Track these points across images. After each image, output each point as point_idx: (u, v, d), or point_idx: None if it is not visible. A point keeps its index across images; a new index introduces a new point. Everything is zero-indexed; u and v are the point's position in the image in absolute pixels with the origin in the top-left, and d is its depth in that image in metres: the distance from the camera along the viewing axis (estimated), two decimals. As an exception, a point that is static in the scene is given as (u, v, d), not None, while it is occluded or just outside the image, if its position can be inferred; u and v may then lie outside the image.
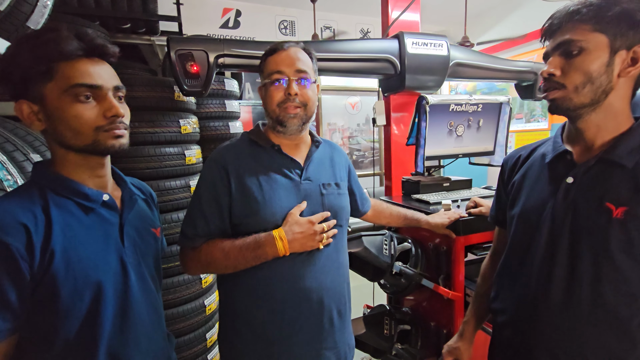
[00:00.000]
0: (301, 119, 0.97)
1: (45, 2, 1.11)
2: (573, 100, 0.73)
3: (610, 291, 0.70)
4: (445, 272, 1.40)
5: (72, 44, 0.67)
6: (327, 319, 0.97)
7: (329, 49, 1.76)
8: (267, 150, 0.99)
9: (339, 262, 1.03)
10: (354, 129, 4.78)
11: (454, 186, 1.77)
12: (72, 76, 0.67)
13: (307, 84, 0.96)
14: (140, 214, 0.83)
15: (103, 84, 0.70)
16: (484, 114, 1.75)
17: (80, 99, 0.68)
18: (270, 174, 0.96)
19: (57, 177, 0.71)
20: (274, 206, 0.93)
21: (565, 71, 0.73)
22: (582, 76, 0.71)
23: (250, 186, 0.93)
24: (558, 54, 0.75)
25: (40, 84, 0.67)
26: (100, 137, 0.70)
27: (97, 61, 0.71)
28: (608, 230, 0.69)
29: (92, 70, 0.69)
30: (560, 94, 0.74)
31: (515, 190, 0.88)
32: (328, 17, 4.04)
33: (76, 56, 0.68)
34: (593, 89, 0.71)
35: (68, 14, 2.29)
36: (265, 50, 1.01)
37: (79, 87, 0.67)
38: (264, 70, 0.99)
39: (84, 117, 0.68)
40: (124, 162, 1.69)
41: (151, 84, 1.73)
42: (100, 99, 0.70)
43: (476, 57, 2.08)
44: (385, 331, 1.49)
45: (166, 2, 3.18)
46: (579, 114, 0.74)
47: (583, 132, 0.76)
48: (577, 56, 0.72)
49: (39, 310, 0.65)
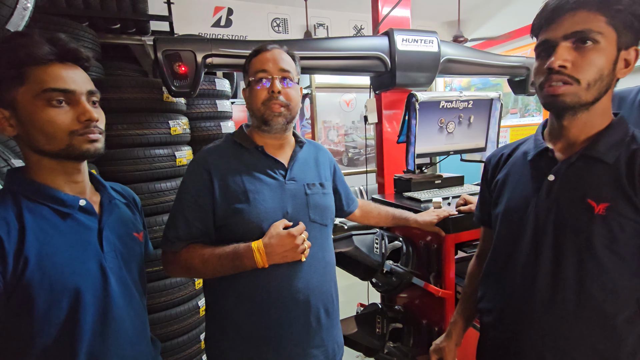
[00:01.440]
0: (285, 118, 0.97)
1: (25, 4, 1.09)
2: (582, 98, 0.69)
3: (595, 288, 0.69)
4: (436, 270, 1.40)
5: (44, 48, 0.67)
6: (314, 318, 0.97)
7: (319, 47, 1.75)
8: (251, 152, 1.00)
9: (325, 261, 1.03)
10: (349, 126, 4.77)
11: (446, 183, 1.76)
12: (44, 80, 0.66)
13: (290, 83, 0.98)
14: (121, 219, 0.82)
15: (76, 88, 0.69)
16: (475, 110, 1.75)
17: (52, 103, 0.67)
18: (254, 175, 0.96)
19: (31, 183, 0.70)
20: (258, 207, 0.93)
21: (578, 64, 0.67)
22: (596, 72, 0.67)
23: (234, 188, 0.93)
24: (570, 44, 0.68)
25: (11, 89, 0.66)
26: (74, 142, 0.69)
27: (70, 66, 0.70)
28: (591, 227, 0.69)
29: (64, 75, 0.68)
30: (572, 90, 0.68)
31: (499, 188, 0.88)
32: (321, 14, 4.01)
33: (48, 60, 0.67)
34: (600, 87, 0.68)
35: (56, 15, 2.27)
36: (250, 52, 1.02)
37: (52, 91, 0.67)
38: (249, 71, 1.00)
39: (57, 121, 0.67)
40: (114, 165, 1.68)
41: (139, 85, 1.72)
42: (74, 103, 0.69)
43: (467, 53, 2.07)
44: (377, 330, 1.49)
45: (157, 2, 3.16)
46: (576, 111, 0.72)
47: (568, 129, 0.75)
48: (591, 49, 0.66)
49: (15, 317, 0.64)
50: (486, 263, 0.91)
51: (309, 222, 0.99)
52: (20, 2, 1.06)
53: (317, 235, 1.01)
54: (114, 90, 1.66)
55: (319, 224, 1.02)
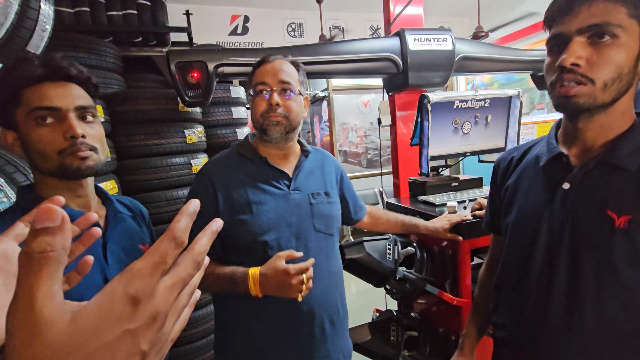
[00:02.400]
0: (284, 127, 0.97)
1: (44, 26, 1.15)
2: (598, 99, 0.62)
3: (615, 307, 0.63)
4: (451, 277, 1.35)
5: (34, 69, 0.69)
6: (319, 329, 0.97)
7: (329, 51, 1.74)
8: (255, 162, 1.00)
9: (329, 271, 1.02)
10: (368, 127, 4.73)
11: (463, 186, 1.70)
12: (32, 100, 0.69)
13: (290, 95, 0.97)
14: (126, 232, 0.84)
15: (62, 105, 0.70)
16: (493, 109, 1.68)
17: (39, 122, 0.69)
18: (258, 186, 0.97)
19: (38, 199, 0.73)
20: (262, 218, 0.93)
21: (593, 62, 0.60)
22: (614, 71, 0.60)
23: (237, 199, 0.94)
24: (585, 39, 0.61)
25: (12, 111, 0.70)
26: (65, 161, 0.70)
27: (61, 84, 0.72)
28: (611, 241, 0.62)
29: (52, 93, 0.70)
30: (586, 91, 0.61)
31: (509, 195, 0.82)
32: (337, 16, 4.00)
33: (38, 81, 0.70)
34: (619, 87, 0.61)
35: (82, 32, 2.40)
36: (254, 63, 1.03)
37: (37, 110, 0.69)
38: (252, 82, 1.01)
39: (44, 140, 0.69)
40: (133, 174, 1.75)
41: (155, 96, 1.78)
42: (61, 120, 0.71)
43: (485, 50, 1.99)
44: (391, 338, 1.46)
45: (176, 14, 3.27)
46: (591, 114, 0.65)
47: (584, 132, 0.68)
48: (609, 45, 0.60)
49: None
50: (497, 275, 0.86)
51: (313, 232, 0.99)
52: (39, 24, 1.12)
53: (322, 245, 1.00)
54: (132, 103, 1.72)
55: (324, 233, 1.01)
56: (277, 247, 0.94)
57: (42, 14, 1.12)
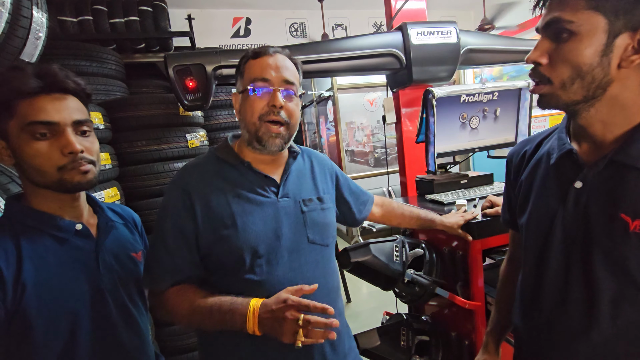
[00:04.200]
0: (283, 139, 0.85)
1: (38, 34, 1.14)
2: (561, 98, 0.60)
3: (634, 316, 0.58)
4: (462, 279, 1.29)
5: (30, 81, 0.67)
6: (319, 355, 0.86)
7: (329, 49, 1.69)
8: (237, 168, 0.88)
9: (327, 287, 0.91)
10: (374, 126, 4.67)
11: (473, 183, 1.64)
12: (28, 114, 0.67)
13: (293, 97, 0.86)
14: (118, 240, 0.82)
15: (60, 120, 0.69)
16: (502, 102, 1.61)
17: (36, 136, 0.67)
18: (242, 195, 0.84)
19: (28, 210, 0.71)
20: (248, 231, 0.81)
21: (553, 60, 0.59)
22: (570, 69, 0.58)
23: (218, 211, 0.82)
24: (547, 35, 0.60)
25: (3, 122, 0.68)
26: (65, 176, 0.69)
27: (58, 97, 0.70)
28: (625, 247, 0.57)
29: (49, 107, 0.68)
30: (546, 90, 0.61)
31: (523, 192, 0.77)
32: (339, 14, 3.96)
33: (34, 93, 0.68)
34: (584, 85, 0.58)
35: (86, 40, 2.41)
36: (247, 53, 0.88)
37: (35, 124, 0.67)
38: (244, 76, 0.87)
39: (42, 155, 0.67)
40: (135, 181, 1.74)
41: (156, 102, 1.77)
42: (58, 135, 0.69)
43: (491, 41, 1.92)
44: (402, 343, 1.40)
45: (178, 19, 3.28)
46: (574, 110, 0.62)
47: (587, 128, 0.63)
48: (566, 42, 0.57)
49: (16, 342, 0.65)
50: (521, 273, 0.81)
51: (307, 244, 0.88)
52: (32, 33, 1.11)
53: (317, 259, 0.89)
54: (132, 109, 1.71)
55: (319, 244, 0.90)
56: (267, 264, 0.82)
57: (35, 22, 1.10)
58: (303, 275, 0.86)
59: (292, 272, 0.84)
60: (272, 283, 0.82)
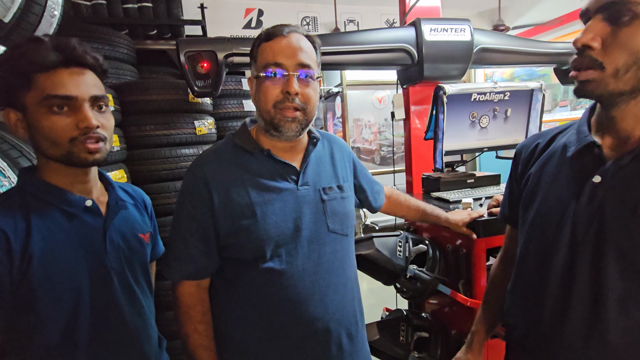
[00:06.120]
0: (300, 124, 0.82)
1: (53, 12, 1.15)
2: (609, 86, 0.57)
3: None
4: (465, 277, 1.29)
5: (49, 55, 0.67)
6: (335, 346, 0.85)
7: (342, 41, 1.68)
8: (256, 156, 0.85)
9: (346, 277, 0.89)
10: (382, 124, 4.65)
11: (479, 182, 1.63)
12: (46, 87, 0.67)
13: (310, 81, 0.81)
14: (126, 220, 0.83)
15: (78, 94, 0.69)
16: (513, 102, 1.59)
17: (53, 110, 0.67)
18: (261, 184, 0.82)
19: (40, 183, 0.72)
20: (267, 222, 0.80)
21: (607, 44, 0.55)
22: (627, 56, 0.54)
23: (238, 201, 0.80)
24: (601, 17, 0.56)
25: (21, 94, 0.68)
26: (74, 149, 0.69)
27: (76, 71, 0.70)
28: None
29: (67, 81, 0.68)
30: (596, 76, 0.57)
31: (531, 186, 0.75)
32: (351, 9, 3.93)
33: (53, 67, 0.68)
34: (638, 75, 0.55)
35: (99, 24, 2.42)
36: (260, 34, 0.83)
37: (53, 98, 0.67)
38: (257, 60, 0.83)
39: (57, 128, 0.67)
40: (142, 165, 1.74)
41: (166, 87, 1.77)
42: (75, 109, 0.69)
43: (505, 41, 1.90)
44: (401, 338, 1.40)
45: (191, 7, 3.27)
46: (614, 101, 0.59)
47: (617, 121, 0.61)
48: (626, 25, 0.54)
49: (19, 314, 0.66)
50: (514, 272, 0.79)
51: (327, 233, 0.86)
52: (47, 10, 1.11)
53: (337, 248, 0.88)
54: (142, 93, 1.72)
55: (339, 234, 0.89)
56: (287, 254, 0.81)
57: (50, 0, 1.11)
58: (322, 265, 0.85)
59: (311, 262, 0.84)
60: (291, 273, 0.81)
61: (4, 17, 0.96)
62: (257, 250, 0.80)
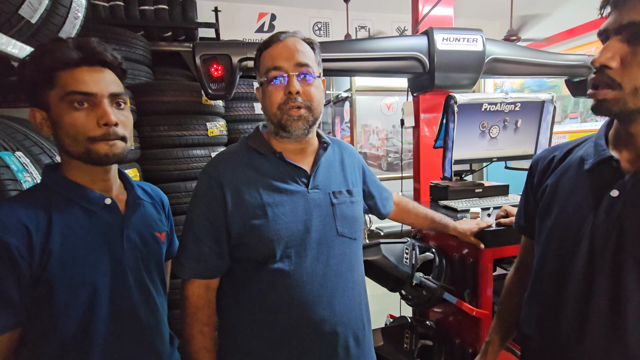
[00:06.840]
0: (307, 122, 0.84)
1: (77, 13, 1.18)
2: (628, 105, 0.58)
3: None
4: (471, 286, 1.29)
5: (71, 53, 0.70)
6: (343, 349, 0.85)
7: (354, 48, 1.71)
8: (268, 158, 0.88)
9: (353, 281, 0.90)
10: (390, 130, 4.65)
11: (488, 192, 1.63)
12: (67, 84, 0.69)
13: (310, 79, 0.84)
14: (144, 218, 0.84)
15: (97, 91, 0.71)
16: (523, 113, 1.60)
17: (74, 105, 0.70)
18: (272, 186, 0.85)
19: (62, 180, 0.74)
20: (278, 223, 0.82)
21: (626, 64, 0.56)
22: None
23: (250, 201, 0.83)
24: (620, 38, 0.58)
25: (45, 92, 0.70)
26: (92, 147, 0.71)
27: (97, 69, 0.73)
28: None
29: (87, 78, 0.71)
30: (613, 95, 0.58)
31: (547, 198, 0.75)
32: (363, 16, 3.97)
33: (74, 64, 0.70)
34: None
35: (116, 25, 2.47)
36: (259, 44, 0.88)
37: (73, 94, 0.69)
38: (260, 68, 0.87)
39: (78, 124, 0.70)
40: (154, 164, 1.78)
41: (180, 88, 1.80)
42: (95, 105, 0.71)
43: (517, 52, 1.91)
44: (405, 345, 1.40)
45: (205, 10, 3.33)
46: (633, 118, 0.61)
47: (636, 137, 0.62)
48: None
49: (37, 307, 0.68)
50: (531, 281, 0.79)
51: (336, 237, 0.87)
52: (71, 12, 1.15)
53: (345, 252, 0.89)
54: (157, 94, 1.75)
55: (348, 237, 0.90)
56: (296, 255, 0.83)
57: (75, 2, 1.14)
58: (330, 267, 0.86)
59: (319, 264, 0.85)
60: (299, 274, 0.83)
61: (31, 18, 0.99)
62: (268, 250, 0.82)
